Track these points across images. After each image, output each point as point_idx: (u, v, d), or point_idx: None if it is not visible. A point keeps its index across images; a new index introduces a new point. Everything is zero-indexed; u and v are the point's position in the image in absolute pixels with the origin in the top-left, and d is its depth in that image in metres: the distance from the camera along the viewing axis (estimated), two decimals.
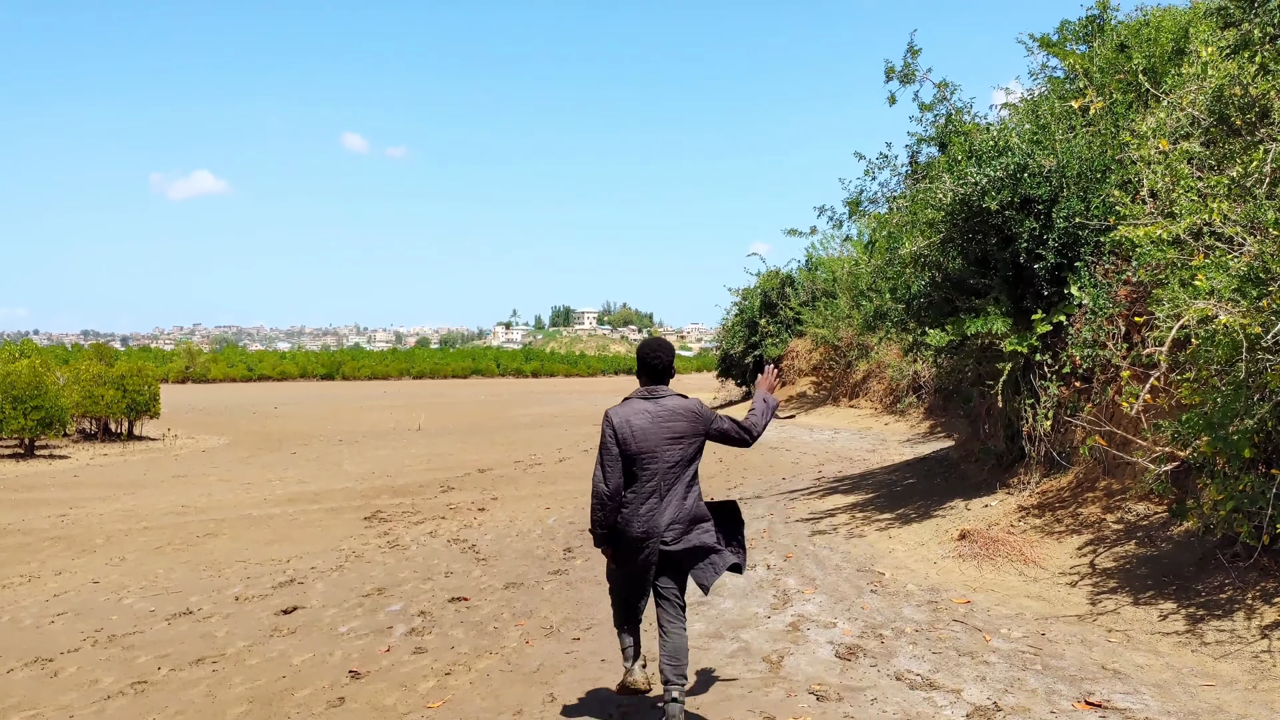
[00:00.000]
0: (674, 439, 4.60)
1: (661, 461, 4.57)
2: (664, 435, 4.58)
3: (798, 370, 32.15)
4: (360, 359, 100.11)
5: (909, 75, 11.53)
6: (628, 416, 4.59)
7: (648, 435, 4.55)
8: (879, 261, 11.91)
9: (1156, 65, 10.69)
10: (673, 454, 4.59)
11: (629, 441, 4.54)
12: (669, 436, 4.59)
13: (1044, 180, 9.24)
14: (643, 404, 4.65)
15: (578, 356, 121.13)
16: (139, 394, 24.27)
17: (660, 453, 4.57)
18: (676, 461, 4.61)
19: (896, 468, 14.07)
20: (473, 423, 32.14)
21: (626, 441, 4.54)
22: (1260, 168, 7.02)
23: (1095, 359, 8.65)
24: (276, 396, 54.30)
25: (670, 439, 4.59)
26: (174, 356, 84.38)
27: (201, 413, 38.76)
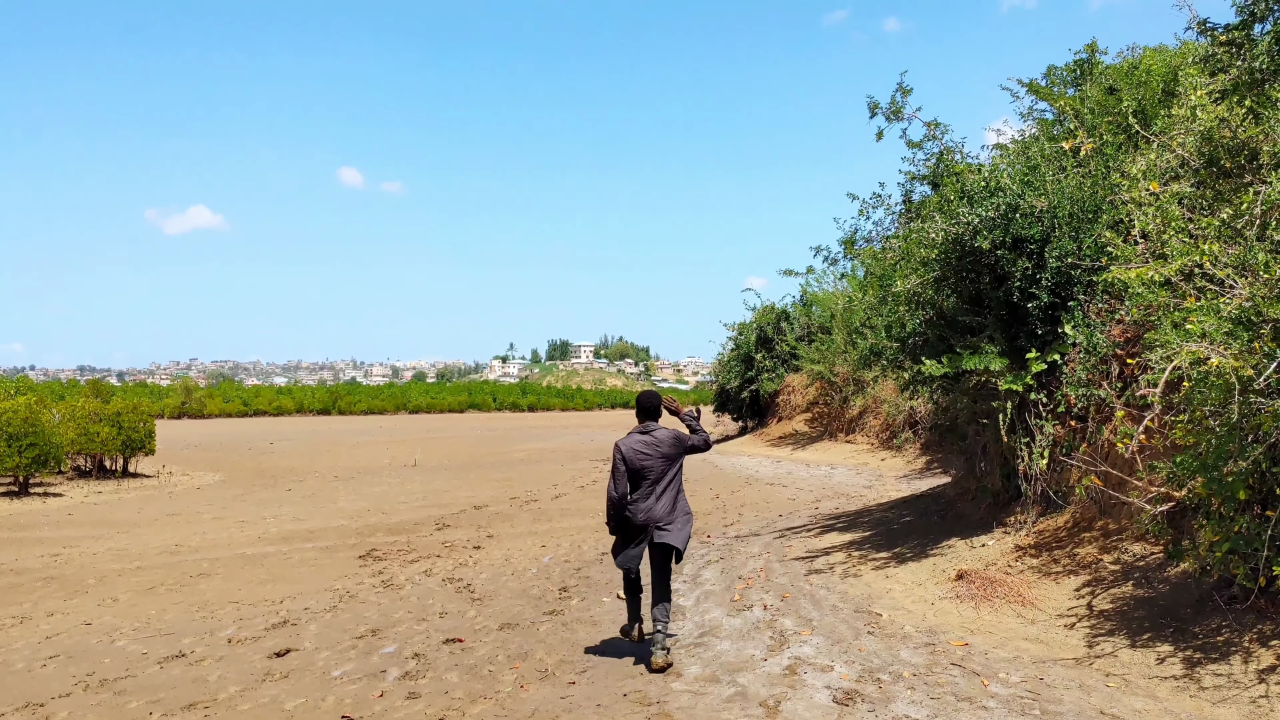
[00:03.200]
0: (661, 457, 6.66)
1: (654, 474, 6.64)
2: (654, 456, 6.65)
3: (794, 406, 32.15)
4: (356, 394, 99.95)
5: (897, 112, 11.66)
6: (630, 444, 6.68)
7: (643, 457, 6.64)
8: (873, 299, 11.98)
9: (1146, 107, 10.82)
10: (661, 468, 6.65)
11: (631, 461, 6.64)
12: (658, 456, 6.66)
13: (1036, 220, 9.32)
14: (640, 436, 6.73)
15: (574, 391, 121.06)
16: (134, 431, 24.21)
17: (653, 468, 6.63)
18: (664, 472, 6.67)
19: (893, 505, 14.04)
20: (469, 458, 32.05)
21: (629, 461, 6.64)
22: (1250, 210, 7.09)
23: (1090, 398, 8.68)
24: (272, 432, 54.15)
25: (659, 458, 6.65)
26: (170, 392, 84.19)
27: (197, 449, 38.63)
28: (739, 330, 37.18)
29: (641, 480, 6.61)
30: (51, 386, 73.67)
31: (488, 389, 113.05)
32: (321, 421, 75.65)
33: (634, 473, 6.61)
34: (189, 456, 33.78)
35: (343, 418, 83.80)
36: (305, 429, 59.44)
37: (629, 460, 6.60)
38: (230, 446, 40.35)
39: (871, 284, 12.15)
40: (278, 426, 63.30)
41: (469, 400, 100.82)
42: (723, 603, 8.45)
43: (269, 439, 45.91)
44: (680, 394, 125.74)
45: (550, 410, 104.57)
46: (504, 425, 65.74)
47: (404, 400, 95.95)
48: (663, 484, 6.62)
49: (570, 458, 30.81)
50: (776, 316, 34.93)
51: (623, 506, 6.61)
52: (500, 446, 39.03)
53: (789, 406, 32.57)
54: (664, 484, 6.63)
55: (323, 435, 50.43)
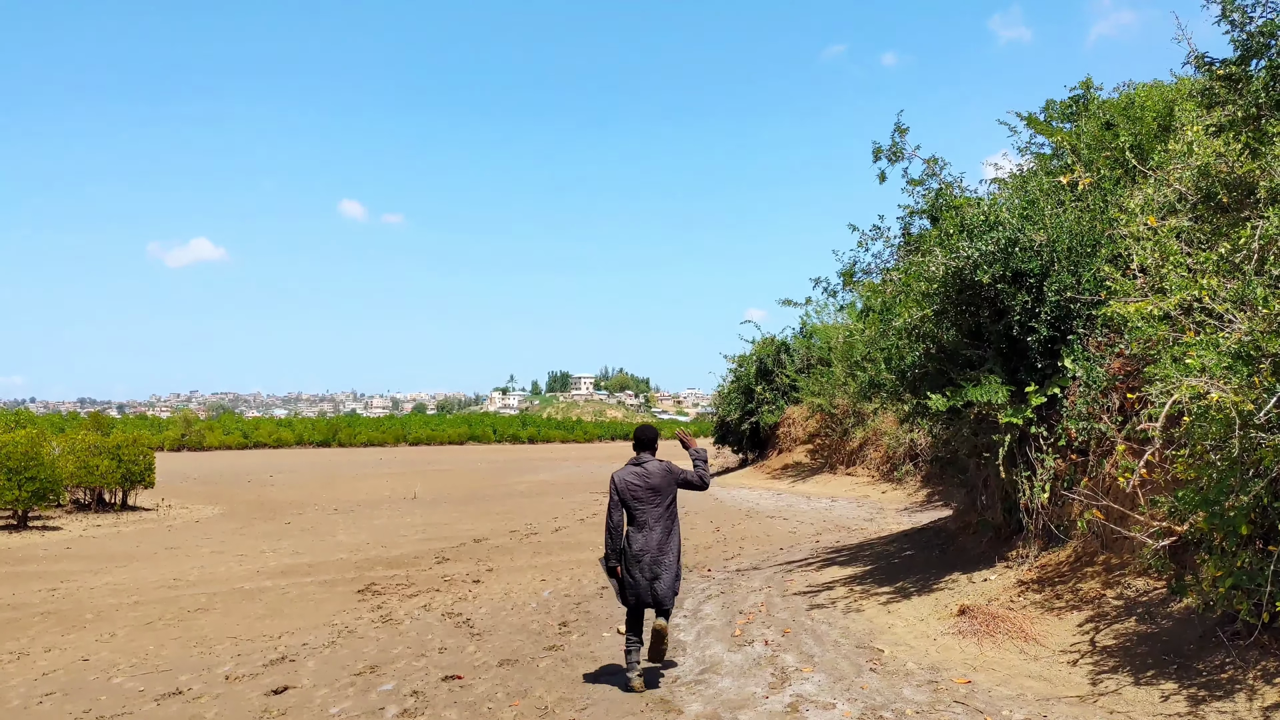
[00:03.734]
0: (653, 490, 6.89)
1: (647, 505, 6.88)
2: (647, 488, 6.90)
3: (794, 438, 32.11)
4: (356, 426, 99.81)
5: (897, 153, 11.75)
6: (624, 476, 6.94)
7: (636, 489, 6.89)
8: (873, 332, 12.00)
9: (1143, 142, 10.90)
10: (651, 499, 6.87)
11: (624, 493, 6.90)
12: (650, 488, 6.90)
13: (1035, 255, 9.36)
14: (634, 468, 6.99)
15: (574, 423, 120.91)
16: (134, 464, 24.15)
17: (646, 500, 6.87)
18: (655, 504, 6.87)
19: (894, 538, 13.99)
20: (468, 491, 31.95)
21: (623, 493, 6.90)
22: (1248, 244, 7.12)
23: (1090, 432, 8.67)
24: (272, 464, 54.03)
25: (651, 490, 6.89)
26: (170, 424, 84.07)
27: (196, 481, 38.53)
28: (739, 362, 37.16)
29: (634, 512, 6.87)
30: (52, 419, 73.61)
31: (488, 421, 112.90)
32: (321, 454, 75.51)
33: (627, 504, 6.89)
34: (188, 489, 33.68)
35: (343, 450, 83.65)
36: (305, 461, 59.31)
37: (621, 492, 6.89)
38: (230, 479, 40.25)
39: (872, 317, 12.18)
40: (277, 459, 63.17)
41: (469, 432, 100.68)
42: (724, 638, 8.40)
43: (268, 471, 45.80)
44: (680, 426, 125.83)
45: (550, 442, 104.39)
46: (504, 457, 65.60)
47: (404, 432, 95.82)
48: (654, 516, 6.84)
49: (570, 490, 30.72)
50: (776, 348, 34.94)
51: (619, 537, 6.86)
52: (500, 479, 38.92)
53: (789, 439, 32.53)
54: (656, 516, 6.84)
55: (322, 468, 50.31)
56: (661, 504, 6.86)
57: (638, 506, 6.85)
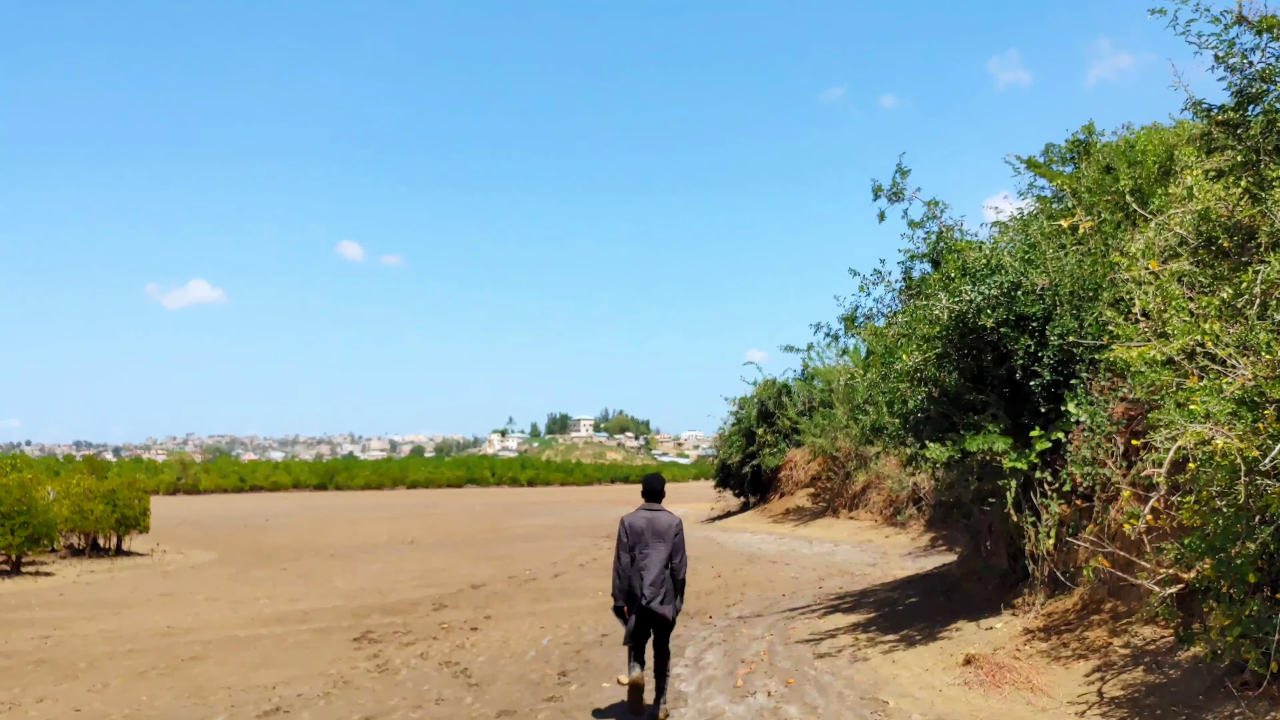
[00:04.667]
0: (657, 537, 7.38)
1: (652, 552, 7.33)
2: (651, 535, 7.39)
3: (796, 481, 31.94)
4: (354, 468, 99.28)
5: (898, 194, 11.80)
6: (633, 520, 7.48)
7: (642, 534, 7.40)
8: (875, 375, 11.97)
9: (1143, 186, 10.95)
10: (658, 544, 7.35)
11: (631, 536, 7.41)
12: (654, 534, 7.39)
13: (1037, 298, 9.35)
14: (644, 514, 7.52)
15: (573, 465, 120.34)
16: (129, 508, 23.95)
17: (650, 544, 7.35)
18: (661, 551, 7.34)
19: (898, 584, 13.85)
20: (467, 535, 31.71)
21: (630, 535, 7.41)
22: (1250, 289, 7.12)
23: (1095, 477, 8.61)
24: (268, 508, 53.69)
25: (656, 535, 7.38)
26: (166, 467, 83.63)
27: (192, 526, 38.26)
28: (740, 404, 37.03)
29: (639, 555, 7.36)
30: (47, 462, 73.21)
31: (486, 464, 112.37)
32: (318, 497, 75.10)
33: (633, 546, 7.39)
34: (184, 534, 33.43)
35: (340, 493, 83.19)
36: (302, 505, 58.98)
37: (629, 534, 7.44)
38: (225, 523, 39.97)
39: (874, 361, 12.15)
40: (274, 502, 62.81)
41: (467, 475, 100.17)
42: (725, 689, 8.26)
43: (265, 515, 45.51)
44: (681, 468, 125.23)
45: (549, 485, 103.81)
46: (503, 501, 65.23)
47: (402, 475, 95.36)
48: (656, 560, 7.33)
49: (569, 534, 30.49)
50: (778, 390, 34.86)
51: (625, 578, 7.36)
52: (499, 522, 38.66)
53: (791, 482, 32.36)
54: (657, 560, 7.33)
55: (319, 511, 50.01)
56: (665, 549, 7.34)
57: (642, 550, 7.34)
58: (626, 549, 7.37)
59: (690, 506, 43.13)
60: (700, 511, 40.38)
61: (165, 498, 67.75)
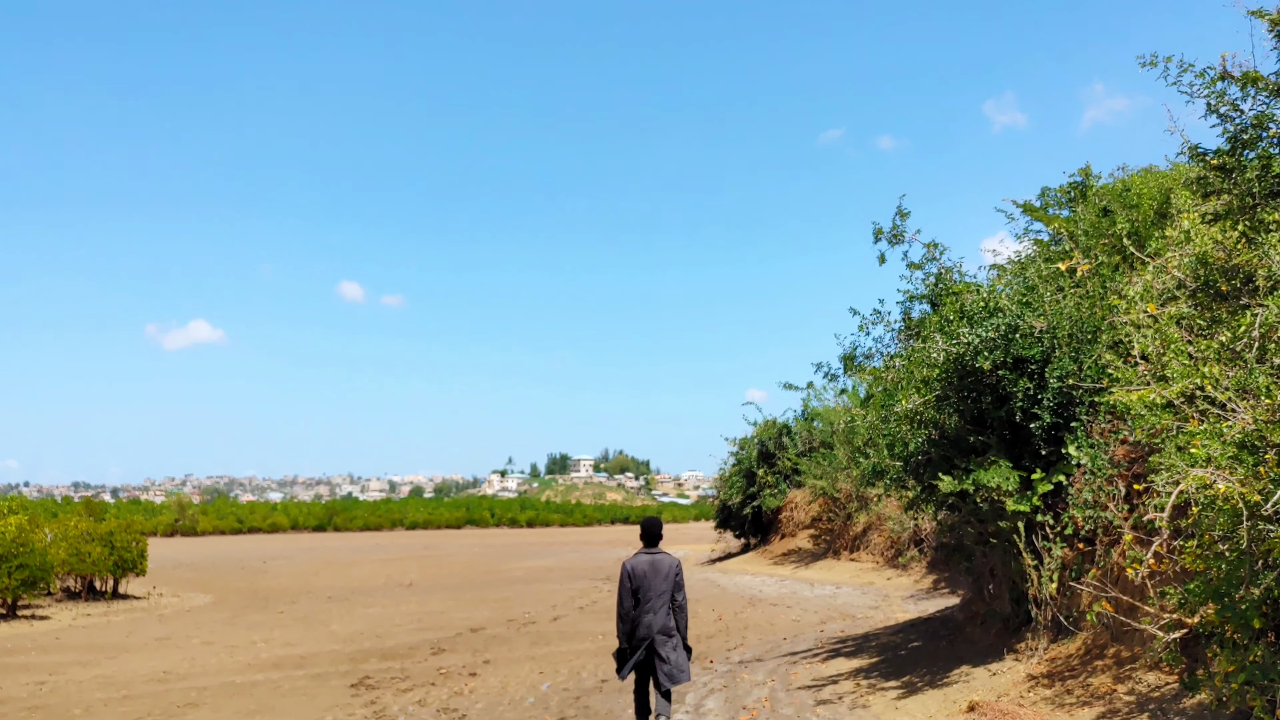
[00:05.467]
0: (660, 579, 7.64)
1: (653, 592, 7.62)
2: (654, 578, 7.64)
3: (797, 522, 31.80)
4: (352, 509, 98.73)
5: (898, 236, 11.86)
6: (635, 564, 7.72)
7: (645, 577, 7.65)
8: (875, 417, 11.95)
9: (1140, 229, 11.01)
10: (660, 588, 7.63)
11: (634, 579, 7.66)
12: (656, 577, 7.64)
13: (1036, 341, 9.38)
14: (645, 557, 7.76)
15: (573, 506, 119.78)
16: (126, 551, 23.81)
17: (653, 588, 7.62)
18: (661, 592, 7.63)
19: (900, 628, 13.73)
20: (465, 577, 31.50)
21: (633, 579, 7.66)
22: (1249, 332, 7.13)
23: (1097, 520, 8.57)
24: (266, 550, 53.36)
25: (658, 579, 7.63)
26: (163, 509, 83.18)
27: (189, 568, 38.01)
28: (740, 445, 36.93)
29: (642, 597, 7.64)
30: (45, 504, 72.96)
31: (486, 504, 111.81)
32: (317, 538, 74.65)
33: (636, 589, 7.66)
34: (180, 576, 33.21)
35: (338, 534, 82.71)
36: (300, 547, 58.61)
37: (631, 578, 7.69)
38: (223, 566, 39.72)
39: (874, 402, 12.15)
40: (272, 544, 62.44)
41: (467, 516, 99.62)
42: None
43: (262, 558, 45.22)
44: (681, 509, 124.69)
45: (549, 526, 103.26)
46: (502, 542, 64.86)
47: (401, 516, 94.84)
48: (659, 603, 7.63)
49: (569, 576, 30.29)
50: (778, 431, 34.79)
51: (631, 620, 7.65)
52: (498, 564, 38.41)
53: (792, 523, 32.21)
54: (661, 603, 7.63)
55: (317, 553, 49.70)
56: (665, 593, 7.63)
57: (645, 593, 7.62)
58: (630, 593, 7.64)
59: (690, 548, 42.88)
60: (700, 553, 40.14)
61: (163, 539, 67.35)
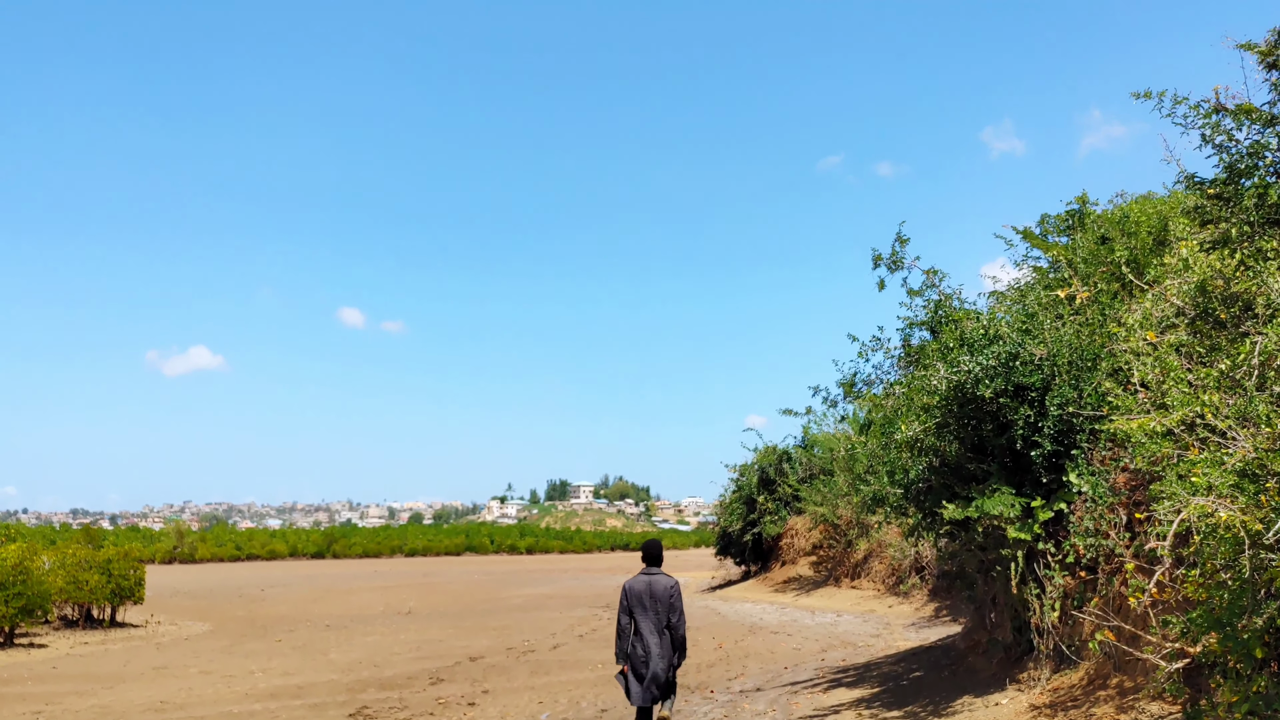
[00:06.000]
0: (655, 599, 7.91)
1: (649, 614, 7.89)
2: (649, 597, 7.92)
3: (797, 549, 31.69)
4: (351, 536, 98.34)
5: (897, 262, 11.89)
6: (632, 584, 8.03)
7: (642, 598, 7.93)
8: (875, 445, 11.94)
9: (1139, 256, 11.04)
10: (656, 607, 7.90)
11: (631, 598, 7.96)
12: (651, 597, 7.93)
13: (1036, 368, 9.39)
14: (644, 578, 8.06)
15: (573, 532, 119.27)
16: (124, 578, 23.71)
17: (649, 609, 7.90)
18: (658, 613, 7.90)
19: (902, 656, 13.65)
20: (465, 605, 31.34)
21: (630, 598, 7.96)
22: (1248, 360, 7.14)
23: (1098, 548, 8.54)
24: (264, 577, 53.13)
25: (653, 599, 7.91)
26: (162, 536, 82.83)
27: (187, 596, 37.84)
28: (740, 471, 36.84)
29: (638, 618, 7.92)
30: (43, 531, 72.73)
31: (485, 531, 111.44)
32: (315, 565, 74.35)
33: (633, 609, 7.96)
34: (178, 604, 33.05)
35: (337, 561, 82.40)
36: (298, 574, 58.36)
37: (629, 597, 8.00)
38: (221, 593, 39.54)
39: (874, 430, 12.14)
40: (270, 571, 62.18)
41: (466, 542, 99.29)
42: None
43: (261, 585, 45.03)
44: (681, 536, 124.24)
45: (549, 553, 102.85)
46: (502, 569, 64.59)
47: (400, 543, 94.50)
48: (655, 623, 7.89)
49: (569, 604, 30.14)
50: (778, 457, 34.71)
51: (627, 639, 7.92)
52: (497, 591, 38.24)
53: (792, 550, 32.09)
54: (657, 623, 7.89)
55: (316, 580, 49.49)
56: (661, 613, 7.89)
57: (641, 613, 7.90)
58: (626, 611, 7.97)
59: (691, 575, 42.68)
60: (701, 580, 39.95)
61: (161, 567, 67.08)
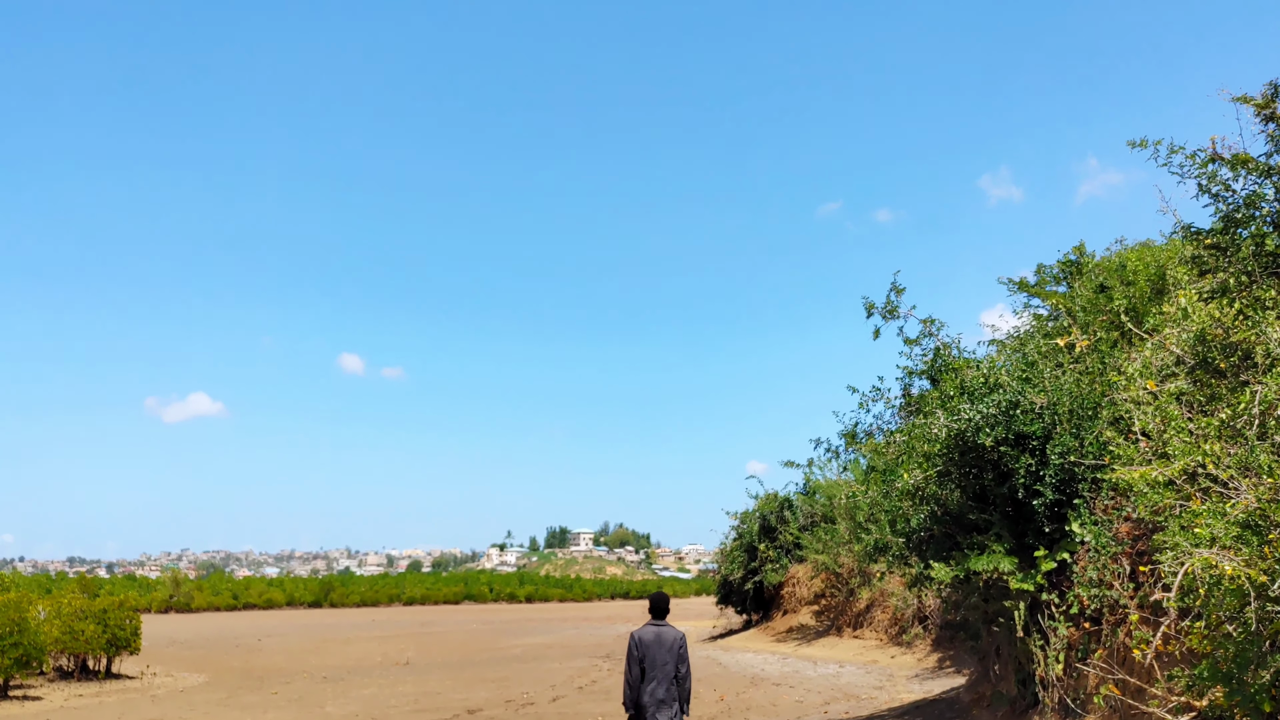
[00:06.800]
0: (664, 650, 8.07)
1: (658, 665, 8.03)
2: (658, 649, 8.09)
3: (799, 598, 31.43)
4: (349, 585, 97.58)
5: (892, 311, 11.95)
6: (642, 635, 8.19)
7: (651, 649, 8.11)
8: (877, 493, 11.91)
9: (1137, 305, 11.10)
10: (663, 659, 8.05)
11: (641, 649, 8.13)
12: (661, 648, 8.08)
13: (1036, 417, 9.39)
14: (653, 629, 8.22)
15: (573, 580, 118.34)
16: (120, 629, 23.50)
17: (657, 660, 8.05)
18: (665, 663, 8.04)
19: (905, 710, 13.49)
20: (463, 655, 31.01)
21: (640, 649, 8.13)
22: (1249, 409, 7.15)
23: (1103, 599, 8.48)
24: (261, 627, 52.63)
25: (662, 650, 8.06)
26: (159, 584, 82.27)
27: (183, 646, 37.45)
28: (741, 519, 36.63)
29: (648, 668, 8.07)
30: (40, 579, 72.31)
31: (484, 579, 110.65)
32: (313, 615, 73.69)
33: (640, 661, 8.12)
34: (174, 655, 32.71)
35: (335, 610, 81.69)
36: (296, 623, 57.81)
37: (639, 649, 8.17)
38: (217, 643, 39.14)
39: (875, 478, 12.12)
40: (267, 621, 61.60)
41: (465, 591, 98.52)
42: None
43: (257, 635, 44.59)
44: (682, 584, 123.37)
45: (548, 601, 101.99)
46: (501, 618, 64.00)
47: (398, 591, 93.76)
48: (663, 674, 8.05)
49: (568, 654, 29.82)
50: (779, 504, 34.54)
51: (636, 689, 8.08)
52: (496, 641, 37.85)
53: (794, 599, 31.83)
54: (665, 674, 8.06)
55: (313, 630, 49.02)
56: (669, 665, 8.06)
57: (650, 664, 8.06)
58: (636, 662, 8.11)
59: (692, 624, 42.28)
60: (702, 629, 39.56)
61: (157, 616, 66.50)
